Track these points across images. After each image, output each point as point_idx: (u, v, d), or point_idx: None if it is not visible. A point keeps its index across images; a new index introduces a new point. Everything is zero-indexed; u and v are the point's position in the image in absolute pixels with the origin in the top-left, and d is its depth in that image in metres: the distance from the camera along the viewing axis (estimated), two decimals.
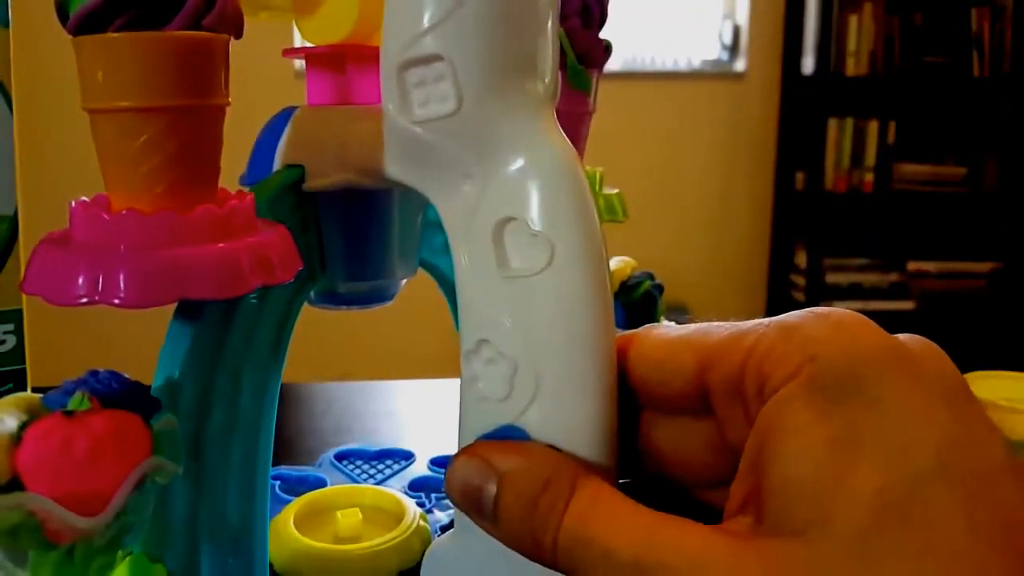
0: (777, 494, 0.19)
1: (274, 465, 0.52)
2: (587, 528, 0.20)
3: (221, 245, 0.26)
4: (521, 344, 0.22)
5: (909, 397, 0.18)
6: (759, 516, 0.19)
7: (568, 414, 0.22)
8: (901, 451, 0.18)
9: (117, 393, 0.24)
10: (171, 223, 0.25)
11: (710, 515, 0.21)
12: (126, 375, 0.25)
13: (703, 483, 0.23)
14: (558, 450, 0.22)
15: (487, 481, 0.21)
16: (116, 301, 0.24)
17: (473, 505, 0.22)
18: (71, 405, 0.23)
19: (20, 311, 0.41)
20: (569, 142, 0.23)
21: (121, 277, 0.24)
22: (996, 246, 2.35)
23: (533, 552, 0.21)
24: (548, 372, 0.22)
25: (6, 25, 0.39)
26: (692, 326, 0.23)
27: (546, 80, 0.23)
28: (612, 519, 0.20)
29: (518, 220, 0.22)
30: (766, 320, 0.21)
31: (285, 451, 0.57)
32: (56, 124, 1.39)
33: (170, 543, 0.29)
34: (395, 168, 0.24)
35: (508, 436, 0.22)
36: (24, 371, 0.41)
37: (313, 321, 0.43)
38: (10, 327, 0.41)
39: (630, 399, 0.23)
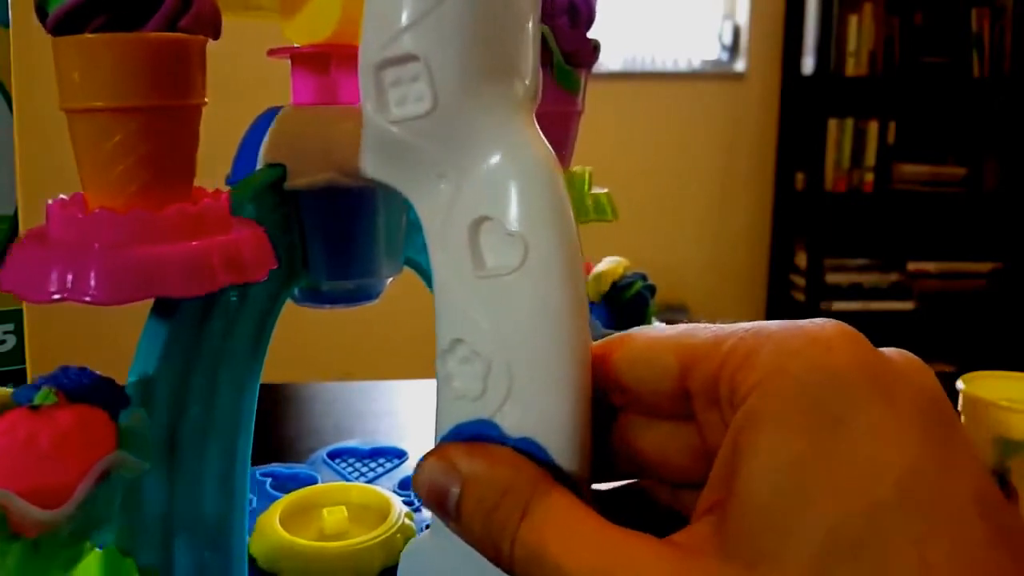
0: (736, 517, 0.18)
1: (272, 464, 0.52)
2: (540, 542, 0.20)
3: (192, 243, 0.26)
4: (495, 343, 0.22)
5: (878, 419, 0.18)
6: (721, 528, 0.19)
7: (540, 412, 0.22)
8: (861, 480, 0.17)
9: (84, 388, 0.24)
10: (143, 222, 0.25)
11: (682, 516, 0.21)
12: (97, 371, 0.25)
13: (683, 486, 0.23)
14: (527, 453, 0.21)
15: (451, 483, 0.22)
16: (87, 299, 0.24)
17: (438, 505, 0.22)
18: (37, 400, 0.23)
19: (20, 311, 0.41)
20: (546, 142, 0.23)
21: (92, 275, 0.24)
22: (996, 246, 2.35)
23: (493, 557, 0.21)
24: (521, 371, 0.22)
25: (6, 25, 0.39)
26: (679, 327, 0.23)
27: (526, 81, 0.23)
28: (566, 534, 0.20)
29: (493, 220, 0.22)
30: (747, 324, 0.21)
31: (287, 451, 0.57)
32: (56, 124, 1.38)
33: (144, 537, 0.29)
34: (371, 167, 0.24)
35: (481, 431, 0.22)
36: (24, 371, 0.41)
37: (314, 322, 0.43)
38: (10, 327, 0.41)
39: (611, 401, 0.23)
